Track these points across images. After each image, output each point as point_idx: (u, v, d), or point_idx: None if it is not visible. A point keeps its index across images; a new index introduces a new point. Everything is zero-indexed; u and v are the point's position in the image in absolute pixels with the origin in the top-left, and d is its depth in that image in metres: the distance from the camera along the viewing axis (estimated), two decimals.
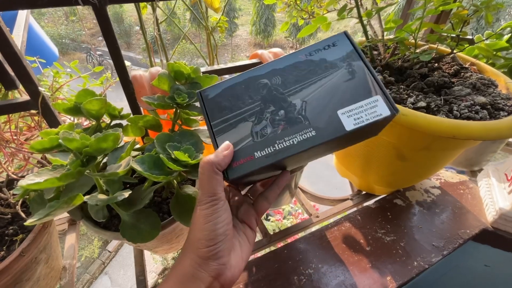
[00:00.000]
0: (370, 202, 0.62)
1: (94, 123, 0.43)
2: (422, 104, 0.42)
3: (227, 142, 0.30)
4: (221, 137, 0.31)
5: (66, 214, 0.58)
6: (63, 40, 11.14)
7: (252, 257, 0.55)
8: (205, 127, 0.51)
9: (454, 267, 0.64)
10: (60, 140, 0.29)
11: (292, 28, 10.54)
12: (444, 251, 0.50)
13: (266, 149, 0.30)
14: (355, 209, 0.63)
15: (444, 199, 0.61)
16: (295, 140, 0.29)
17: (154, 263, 4.85)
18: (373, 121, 0.28)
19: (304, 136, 0.29)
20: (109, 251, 5.29)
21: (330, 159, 0.70)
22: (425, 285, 0.67)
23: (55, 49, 0.94)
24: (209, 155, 0.29)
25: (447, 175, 0.68)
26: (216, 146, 0.31)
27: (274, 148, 0.30)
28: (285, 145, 0.30)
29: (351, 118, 0.29)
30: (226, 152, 0.29)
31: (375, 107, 0.29)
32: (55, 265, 0.44)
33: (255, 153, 0.30)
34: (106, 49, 0.45)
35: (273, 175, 0.37)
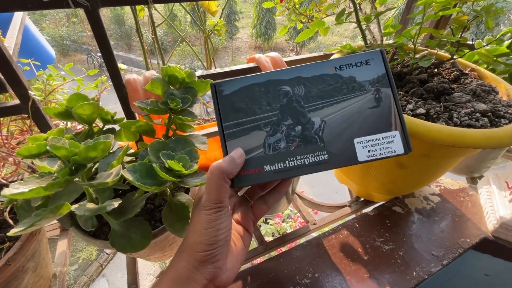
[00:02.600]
0: (369, 209, 0.60)
1: (86, 127, 0.42)
2: (422, 111, 0.41)
3: (240, 150, 0.29)
4: (231, 142, 0.30)
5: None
6: (64, 42, 11.16)
7: (248, 265, 0.54)
8: (200, 132, 0.50)
9: (454, 276, 0.63)
10: (47, 147, 0.28)
11: (293, 31, 10.58)
12: (444, 261, 0.49)
13: (276, 164, 0.29)
14: (353, 216, 0.62)
15: (444, 206, 0.60)
16: (307, 160, 0.29)
17: (152, 266, 4.82)
18: (386, 156, 0.28)
19: (317, 159, 0.29)
20: (107, 253, 5.25)
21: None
22: None
23: (52, 51, 0.94)
24: (220, 161, 0.29)
25: (447, 182, 0.67)
26: (225, 150, 0.30)
27: (285, 165, 0.29)
28: (295, 164, 0.29)
29: (365, 149, 0.28)
30: (239, 160, 0.29)
31: (391, 143, 0.28)
32: (44, 273, 0.43)
33: (265, 166, 0.29)
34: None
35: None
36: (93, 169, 0.38)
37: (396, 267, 0.48)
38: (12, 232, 0.26)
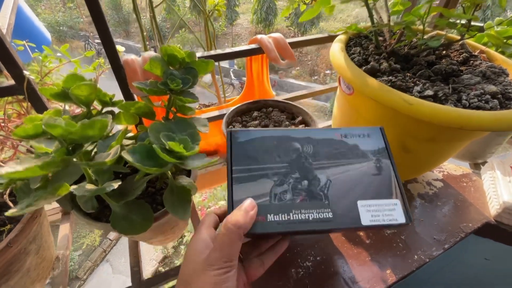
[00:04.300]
0: None
1: (85, 110, 0.41)
2: (429, 92, 0.40)
3: (253, 202, 0.29)
4: (238, 186, 0.30)
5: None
6: (61, 28, 10.94)
7: None
8: (202, 116, 0.49)
9: (453, 260, 0.64)
10: (43, 127, 0.27)
11: (294, 17, 10.32)
12: (446, 245, 0.49)
13: (280, 215, 0.29)
14: None
15: (447, 192, 0.60)
16: (311, 216, 0.29)
17: (155, 251, 4.92)
18: (388, 224, 0.29)
19: (321, 215, 0.29)
20: (110, 240, 5.36)
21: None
22: (423, 277, 0.66)
23: (47, 34, 0.91)
24: (235, 215, 0.27)
25: (450, 167, 0.67)
26: (231, 194, 0.30)
27: (288, 217, 0.29)
28: (299, 218, 0.29)
29: (369, 213, 0.29)
30: (252, 213, 0.28)
31: (393, 210, 0.30)
32: (46, 255, 0.43)
33: (268, 215, 0.29)
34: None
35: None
36: (93, 153, 0.38)
37: (397, 251, 0.48)
38: (10, 212, 0.25)
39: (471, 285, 0.69)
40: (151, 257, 4.80)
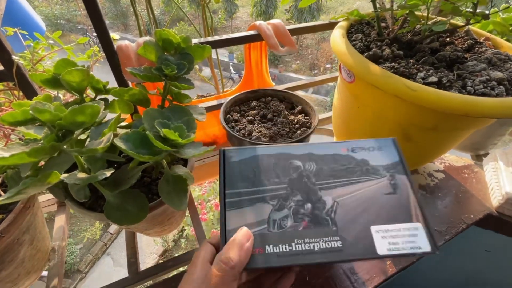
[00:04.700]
0: None
1: (77, 97, 0.39)
2: (433, 79, 0.38)
3: (247, 231, 0.25)
4: (232, 212, 0.27)
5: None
6: (58, 21, 10.81)
7: None
8: (199, 105, 0.48)
9: (454, 252, 0.63)
10: (30, 111, 0.26)
11: (294, 10, 10.19)
12: (447, 236, 0.49)
13: (280, 246, 0.25)
14: None
15: (448, 183, 0.59)
16: (317, 245, 0.25)
17: (155, 245, 4.96)
18: (410, 252, 0.24)
19: (328, 245, 0.25)
20: (110, 233, 5.39)
21: (330, 140, 0.68)
22: (423, 269, 0.66)
23: (41, 23, 0.89)
24: (227, 251, 0.24)
25: (451, 158, 0.66)
26: (223, 221, 0.27)
27: (290, 248, 0.25)
28: (303, 248, 0.25)
29: (385, 240, 0.25)
30: (248, 245, 0.24)
31: (414, 236, 0.25)
32: (41, 246, 0.42)
33: (267, 247, 0.25)
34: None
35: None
36: (86, 142, 0.37)
37: None
38: None
39: (470, 277, 0.69)
40: (152, 250, 4.84)
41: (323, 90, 10.17)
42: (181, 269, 0.51)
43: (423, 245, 0.25)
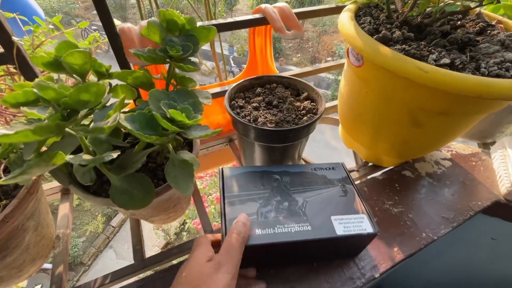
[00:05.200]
0: (377, 174, 0.59)
1: (80, 81, 0.38)
2: (446, 61, 0.37)
3: (246, 215, 0.34)
4: (230, 207, 0.36)
5: (58, 184, 0.55)
6: (56, 14, 10.68)
7: None
8: (204, 90, 0.47)
9: (460, 239, 0.63)
10: (34, 90, 0.25)
11: (295, 3, 10.04)
12: (454, 223, 0.48)
13: (266, 229, 0.34)
14: (360, 181, 0.61)
15: (455, 171, 0.58)
16: (293, 229, 0.34)
17: (157, 238, 5.00)
18: (359, 233, 0.34)
19: (302, 228, 0.34)
20: (112, 226, 5.43)
21: (330, 137, 0.67)
22: (428, 256, 0.66)
23: (40, 11, 0.87)
24: (236, 226, 0.32)
25: (458, 147, 0.65)
26: (223, 214, 0.35)
27: (274, 231, 0.34)
28: (283, 231, 0.34)
29: (341, 225, 0.35)
30: (248, 223, 0.33)
31: (361, 223, 0.35)
32: (46, 233, 0.42)
33: (257, 230, 0.34)
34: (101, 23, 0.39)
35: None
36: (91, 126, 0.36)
37: (405, 229, 0.47)
38: (1, 181, 0.24)
39: (474, 264, 0.69)
40: (154, 243, 4.88)
41: (324, 83, 10.10)
42: (186, 256, 0.51)
43: (368, 228, 0.35)
